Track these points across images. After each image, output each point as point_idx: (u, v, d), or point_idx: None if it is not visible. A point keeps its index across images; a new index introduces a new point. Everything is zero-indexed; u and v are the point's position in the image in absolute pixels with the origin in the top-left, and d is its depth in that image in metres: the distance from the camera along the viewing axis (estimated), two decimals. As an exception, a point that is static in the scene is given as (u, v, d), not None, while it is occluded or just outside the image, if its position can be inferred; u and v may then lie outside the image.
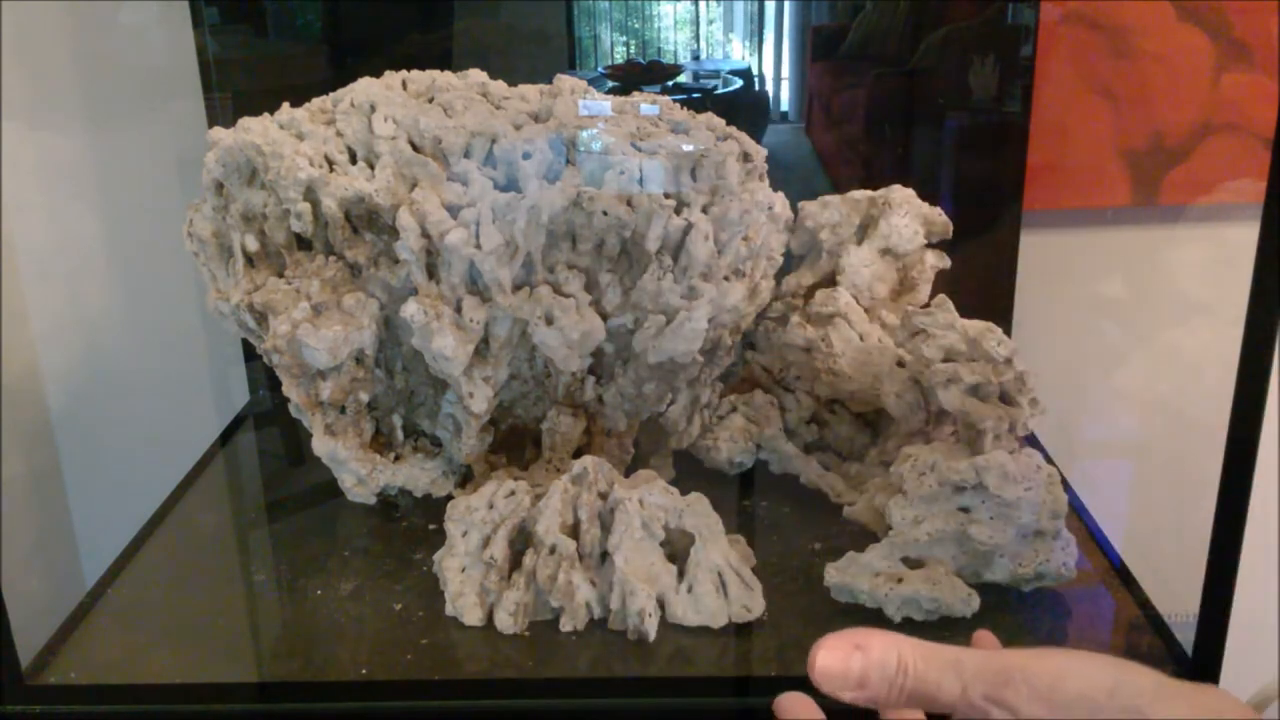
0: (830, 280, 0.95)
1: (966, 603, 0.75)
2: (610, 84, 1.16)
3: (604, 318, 0.81)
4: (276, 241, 0.83)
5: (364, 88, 0.85)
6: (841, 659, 0.41)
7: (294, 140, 0.81)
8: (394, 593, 0.81)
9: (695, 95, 1.19)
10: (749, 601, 0.76)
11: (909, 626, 0.75)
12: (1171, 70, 1.10)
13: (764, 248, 0.89)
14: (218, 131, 0.82)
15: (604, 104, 0.87)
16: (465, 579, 0.77)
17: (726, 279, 0.85)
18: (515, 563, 0.78)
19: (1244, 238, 0.63)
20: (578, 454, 0.86)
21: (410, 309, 0.78)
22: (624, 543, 0.75)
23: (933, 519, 0.77)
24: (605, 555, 0.76)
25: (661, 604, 0.75)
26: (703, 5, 1.19)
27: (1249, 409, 0.65)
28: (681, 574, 0.76)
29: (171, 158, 1.11)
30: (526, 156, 0.78)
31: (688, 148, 0.81)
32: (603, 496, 0.78)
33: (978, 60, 1.09)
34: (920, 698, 0.40)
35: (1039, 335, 1.18)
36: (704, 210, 0.81)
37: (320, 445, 0.84)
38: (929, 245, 0.97)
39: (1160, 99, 1.11)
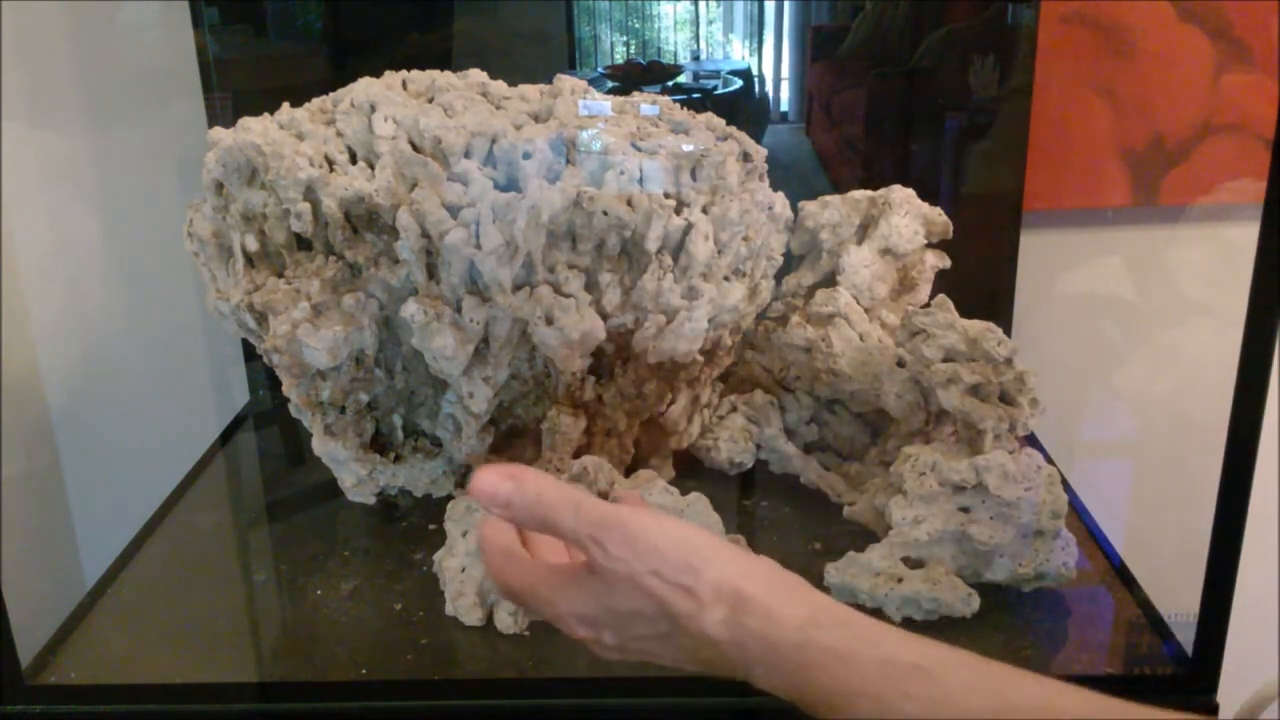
0: (830, 280, 0.95)
1: (966, 603, 0.75)
2: (610, 84, 1.16)
3: (604, 318, 0.81)
4: (276, 241, 0.82)
5: (364, 88, 0.85)
6: (493, 484, 0.50)
7: (294, 140, 0.81)
8: (394, 593, 0.81)
9: (695, 95, 1.19)
10: (749, 601, 0.75)
11: (909, 626, 0.75)
12: (1171, 70, 1.10)
13: (764, 248, 0.89)
14: (218, 131, 0.82)
15: (604, 104, 0.87)
16: (465, 579, 0.77)
17: (726, 279, 0.85)
18: (515, 563, 0.78)
19: (1244, 238, 0.63)
20: (578, 454, 0.86)
21: (410, 309, 0.78)
22: (624, 543, 0.75)
23: (933, 519, 0.77)
24: (605, 555, 0.76)
25: (661, 604, 0.75)
26: (703, 5, 1.19)
27: (1249, 409, 0.65)
28: (681, 574, 0.76)
29: (171, 158, 1.11)
30: (527, 156, 0.78)
31: (688, 148, 0.81)
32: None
33: (978, 60, 1.09)
34: (545, 524, 0.50)
35: (1039, 335, 1.18)
36: (704, 210, 0.81)
37: (320, 445, 0.84)
38: (929, 245, 0.97)
39: (1160, 99, 1.11)
